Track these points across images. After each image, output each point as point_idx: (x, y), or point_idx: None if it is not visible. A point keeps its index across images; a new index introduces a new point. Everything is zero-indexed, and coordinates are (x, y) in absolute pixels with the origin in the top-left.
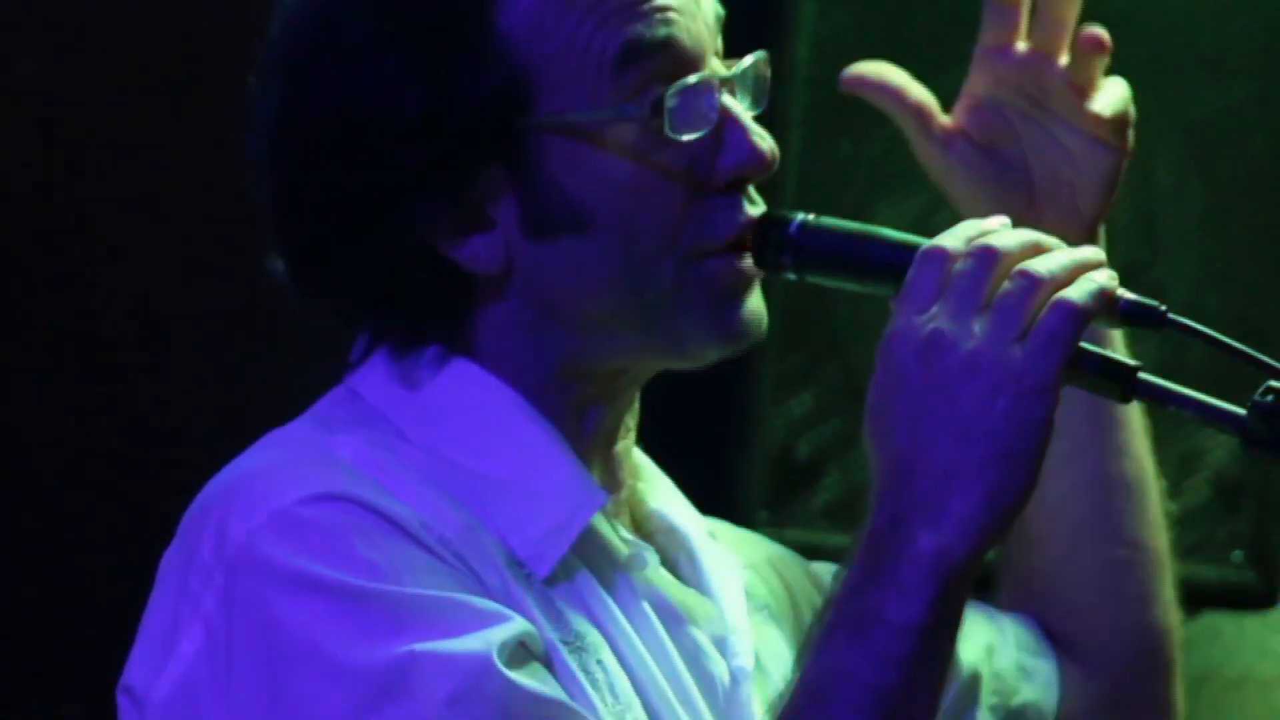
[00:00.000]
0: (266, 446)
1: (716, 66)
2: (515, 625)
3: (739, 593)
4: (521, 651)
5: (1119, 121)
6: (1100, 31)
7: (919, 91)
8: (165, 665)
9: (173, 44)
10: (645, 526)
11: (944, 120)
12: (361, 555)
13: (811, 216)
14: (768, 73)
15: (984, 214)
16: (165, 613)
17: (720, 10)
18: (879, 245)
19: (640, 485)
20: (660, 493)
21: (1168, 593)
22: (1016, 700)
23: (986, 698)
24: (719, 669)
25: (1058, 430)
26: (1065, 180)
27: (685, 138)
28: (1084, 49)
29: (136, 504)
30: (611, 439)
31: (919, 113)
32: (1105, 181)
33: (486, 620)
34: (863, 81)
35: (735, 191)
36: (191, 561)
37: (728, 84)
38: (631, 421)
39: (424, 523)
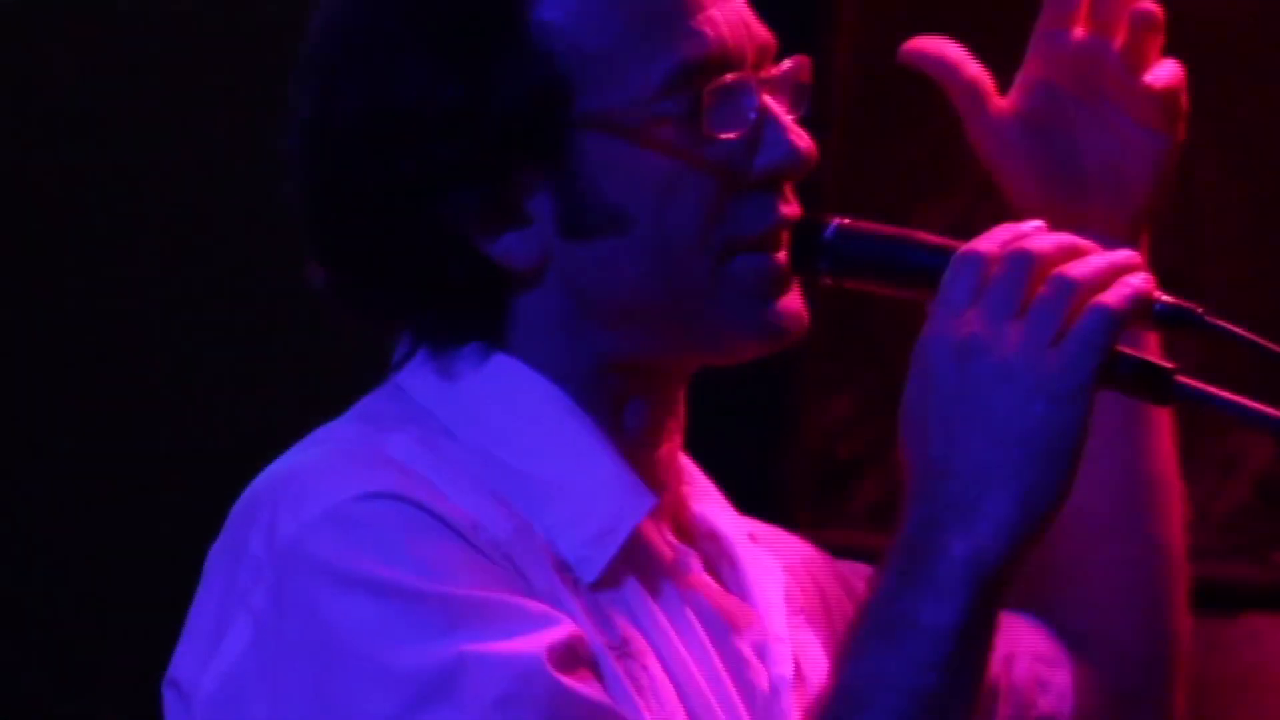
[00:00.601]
0: (315, 442)
1: (757, 62)
2: (565, 628)
3: (779, 598)
4: (571, 655)
5: (1170, 103)
6: (1153, 6)
7: (975, 69)
8: (212, 660)
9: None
10: (688, 531)
11: (999, 100)
12: (413, 555)
13: (847, 221)
14: (809, 78)
15: (1032, 199)
16: (212, 607)
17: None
18: (915, 249)
19: (684, 489)
20: (703, 496)
21: (1183, 597)
22: (1033, 714)
23: (1003, 709)
24: (759, 678)
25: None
26: (1116, 167)
27: (723, 136)
28: (1137, 25)
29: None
30: (656, 439)
31: (974, 90)
32: (1156, 169)
33: (537, 623)
34: (921, 55)
35: (770, 189)
36: (240, 557)
37: (767, 84)
38: (676, 426)
39: (475, 524)
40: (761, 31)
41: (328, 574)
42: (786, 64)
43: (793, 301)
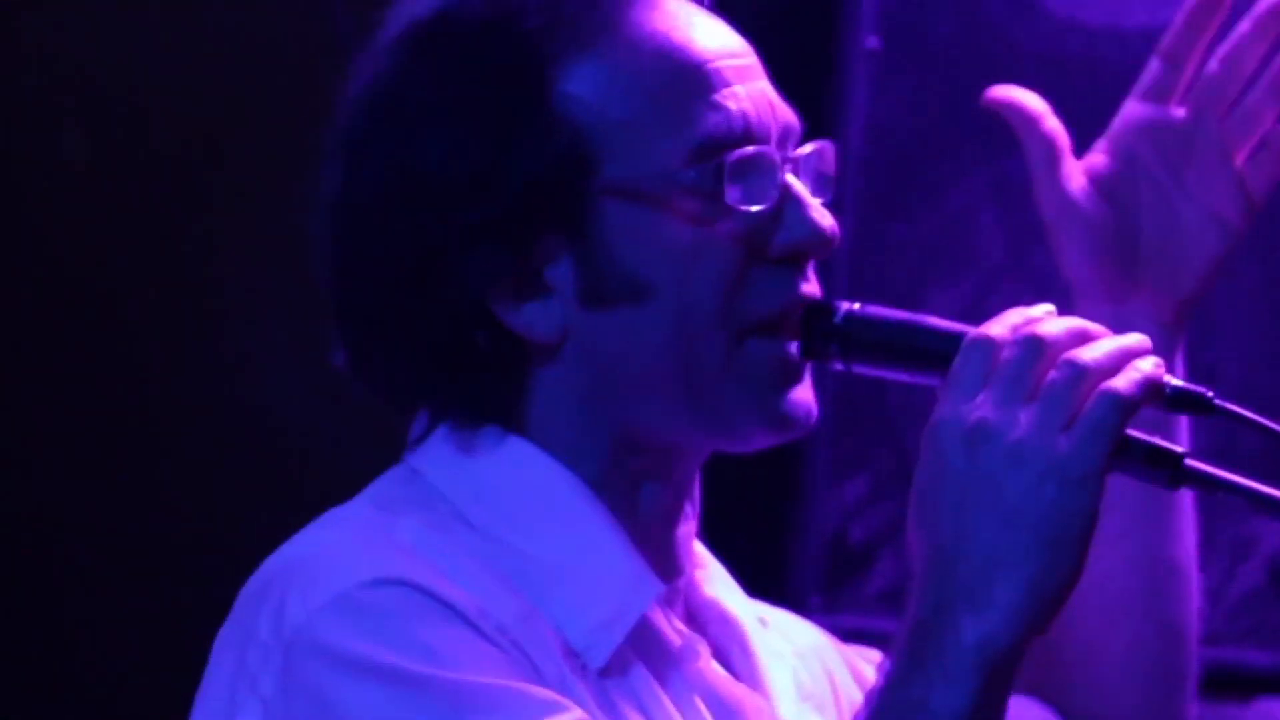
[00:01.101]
0: (325, 525)
1: (782, 141)
2: (571, 714)
3: (790, 685)
4: None
5: (1249, 200)
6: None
7: (1054, 124)
8: None
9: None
10: (699, 616)
11: (1072, 160)
12: (420, 641)
13: (857, 306)
14: (832, 166)
15: (1082, 266)
16: (221, 690)
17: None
18: (925, 334)
19: (697, 572)
20: (715, 580)
21: (1193, 682)
22: None
23: None
24: None
25: (1110, 507)
26: (1173, 253)
27: (743, 208)
28: (1252, 112)
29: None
30: (670, 522)
31: (1050, 145)
32: (1211, 265)
33: (543, 709)
34: (1002, 102)
35: (790, 266)
36: (248, 640)
37: (791, 163)
38: (691, 510)
39: (482, 610)
40: (786, 113)
41: (335, 660)
42: (810, 147)
43: (803, 393)
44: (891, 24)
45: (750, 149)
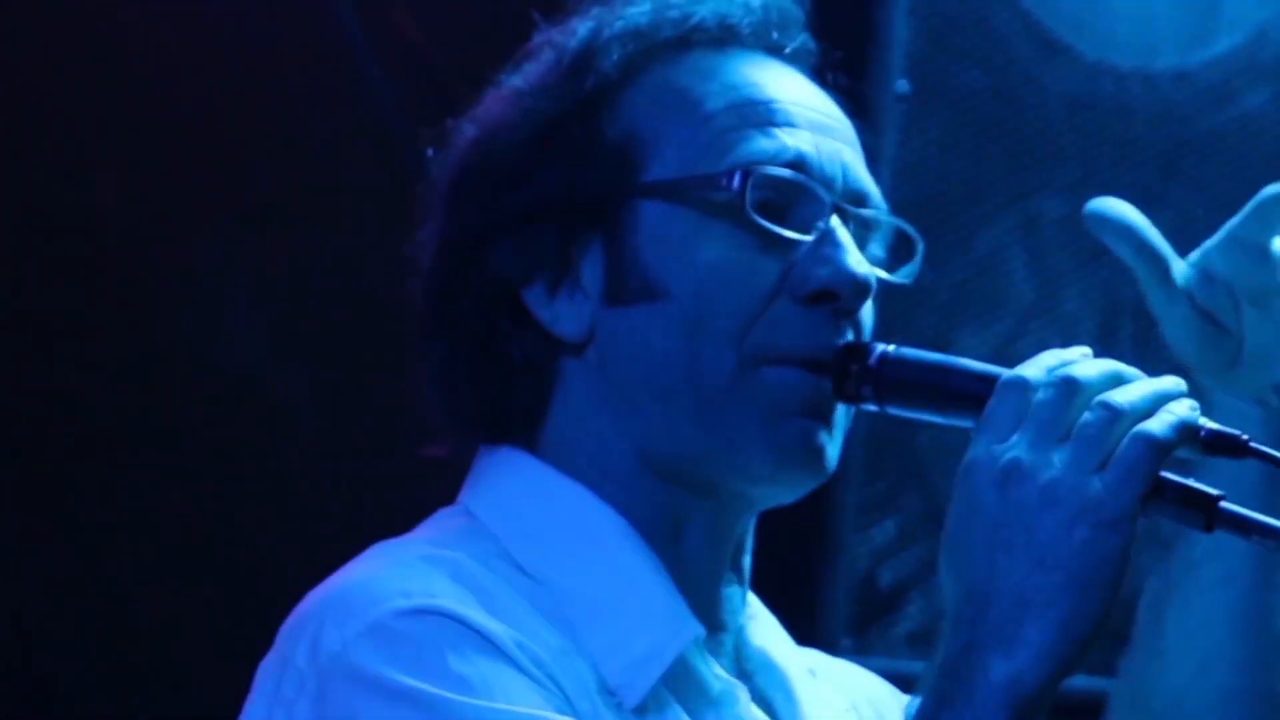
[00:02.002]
0: (371, 557)
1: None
2: None
3: None
4: None
5: None
6: None
7: (1155, 237)
8: None
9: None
10: (745, 664)
11: (1175, 276)
12: (453, 670)
13: (892, 347)
14: (885, 234)
15: (1188, 354)
16: (259, 716)
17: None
18: (959, 376)
19: (749, 623)
20: (764, 631)
21: None
22: None
23: None
24: None
25: (1216, 553)
26: (1271, 353)
27: (776, 232)
28: None
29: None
30: (715, 577)
31: (1154, 261)
32: None
33: None
34: (1104, 221)
35: (822, 309)
36: (286, 668)
37: (845, 215)
38: (745, 562)
39: (519, 642)
40: (862, 181)
41: (369, 685)
42: (877, 213)
43: (814, 432)
44: (921, 68)
45: (788, 172)
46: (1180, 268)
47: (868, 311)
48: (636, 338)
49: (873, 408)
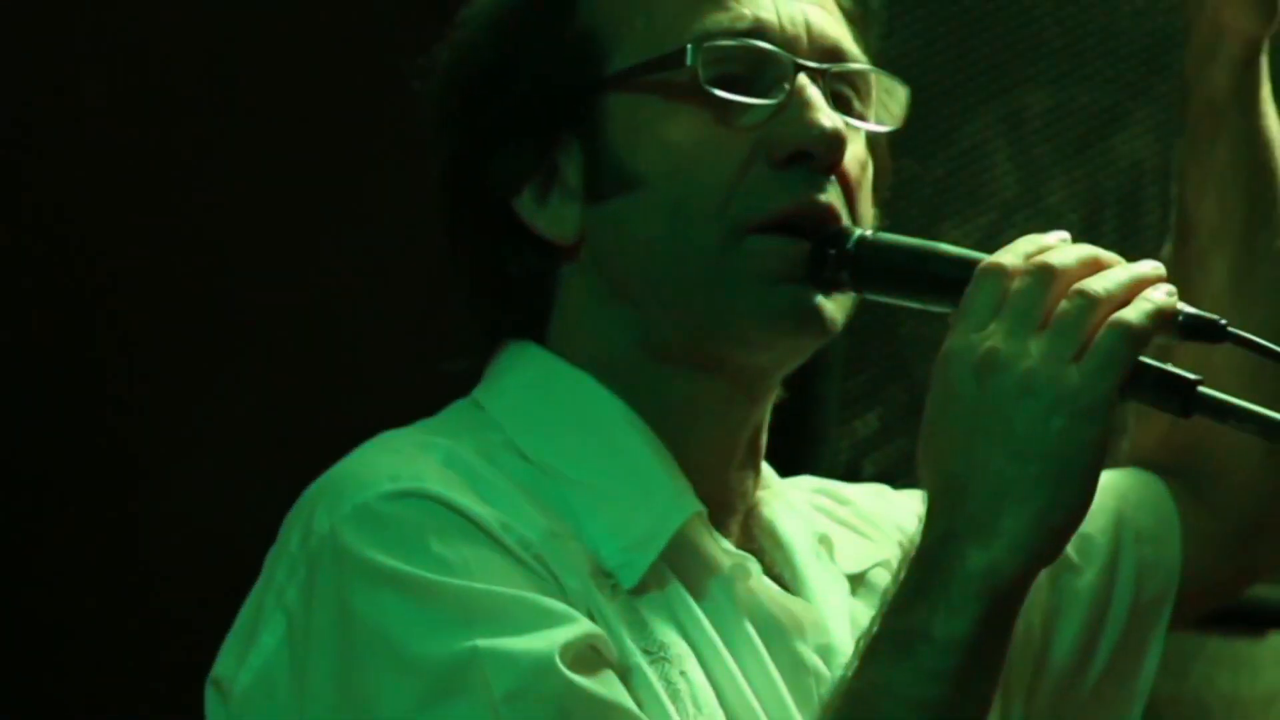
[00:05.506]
0: (368, 446)
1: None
2: (582, 626)
3: (843, 608)
4: (589, 654)
5: None
6: None
7: None
8: (247, 656)
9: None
10: (757, 540)
11: None
12: (435, 551)
13: (870, 232)
14: (864, 85)
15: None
16: (252, 606)
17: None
18: (937, 261)
19: (761, 494)
20: (774, 502)
21: None
22: (1144, 598)
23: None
24: (818, 681)
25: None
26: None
27: (746, 101)
28: None
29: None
30: (728, 457)
31: None
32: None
33: (553, 620)
34: None
35: (798, 170)
36: (280, 555)
37: (813, 73)
38: (750, 457)
39: (505, 524)
40: (831, 35)
41: (354, 567)
42: (845, 66)
43: (806, 294)
44: None
45: (738, 39)
46: None
47: (857, 167)
48: (621, 230)
49: (851, 293)
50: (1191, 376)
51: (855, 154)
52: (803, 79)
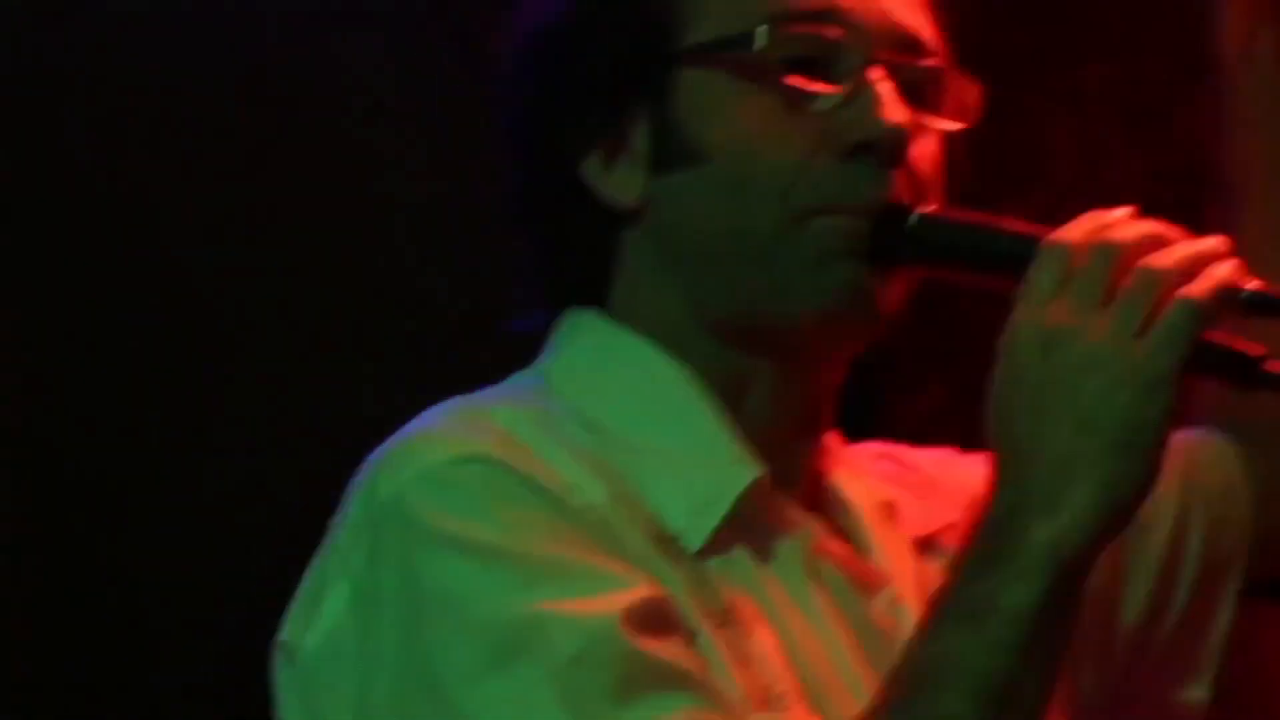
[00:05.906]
0: (431, 413)
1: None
2: (645, 590)
3: (910, 571)
4: (653, 618)
5: None
6: None
7: None
8: (314, 620)
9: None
10: (824, 504)
11: None
12: (499, 516)
13: (931, 208)
14: (938, 79)
15: None
16: (317, 571)
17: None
18: (1000, 237)
19: (827, 461)
20: (840, 470)
21: None
22: (1218, 556)
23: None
24: (889, 641)
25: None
26: None
27: (812, 89)
28: None
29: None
30: (785, 430)
31: None
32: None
33: (617, 584)
34: None
35: (862, 164)
36: (345, 521)
37: (887, 66)
38: (815, 429)
39: (568, 488)
40: (910, 25)
41: (418, 531)
42: (922, 61)
43: (864, 276)
44: None
45: (827, 31)
46: None
47: (927, 163)
48: (683, 201)
49: (910, 268)
50: (1256, 352)
51: (927, 149)
52: (874, 70)
